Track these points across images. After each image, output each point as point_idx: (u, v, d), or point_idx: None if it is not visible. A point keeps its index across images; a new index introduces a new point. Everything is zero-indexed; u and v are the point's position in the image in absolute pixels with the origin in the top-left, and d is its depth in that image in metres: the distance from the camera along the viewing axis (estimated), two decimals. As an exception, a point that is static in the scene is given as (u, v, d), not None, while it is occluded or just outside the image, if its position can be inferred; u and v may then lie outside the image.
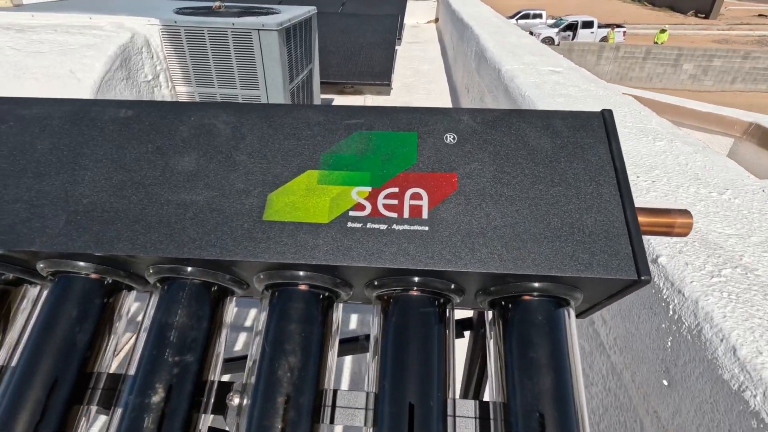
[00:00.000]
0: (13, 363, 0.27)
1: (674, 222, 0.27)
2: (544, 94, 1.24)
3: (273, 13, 1.95)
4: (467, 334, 0.52)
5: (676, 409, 0.51)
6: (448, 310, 0.27)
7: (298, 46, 2.03)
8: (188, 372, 0.25)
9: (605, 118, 0.29)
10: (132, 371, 0.26)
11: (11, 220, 0.26)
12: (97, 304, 0.28)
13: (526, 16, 23.97)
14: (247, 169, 0.26)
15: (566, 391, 0.23)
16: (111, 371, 0.30)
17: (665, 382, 0.53)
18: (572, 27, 21.47)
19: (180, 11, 1.89)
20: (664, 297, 0.54)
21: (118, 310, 0.30)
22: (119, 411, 0.25)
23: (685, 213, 0.27)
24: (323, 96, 3.29)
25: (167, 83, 1.82)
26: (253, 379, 0.25)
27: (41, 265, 0.28)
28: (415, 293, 0.25)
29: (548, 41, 20.61)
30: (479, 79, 2.13)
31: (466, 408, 0.25)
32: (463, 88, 2.93)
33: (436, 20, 6.71)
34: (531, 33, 21.86)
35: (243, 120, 0.29)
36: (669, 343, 0.53)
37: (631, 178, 0.76)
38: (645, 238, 0.60)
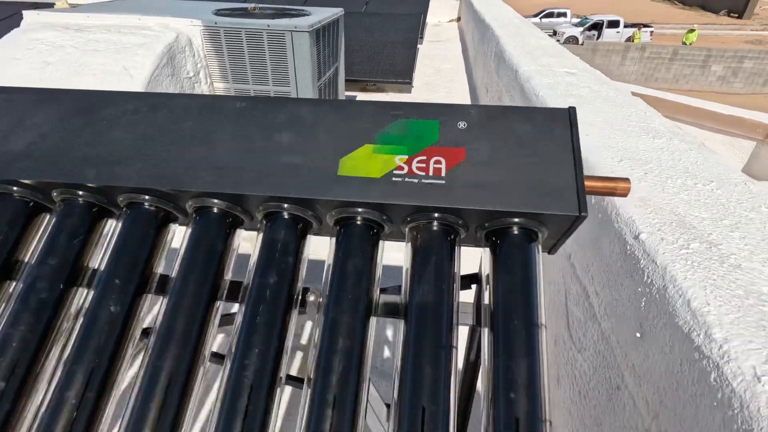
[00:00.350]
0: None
1: (617, 186, 0.38)
2: (557, 94, 1.34)
3: (304, 15, 2.08)
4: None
5: (646, 355, 0.61)
6: (457, 240, 0.39)
7: (326, 46, 2.15)
8: (285, 281, 0.38)
9: (570, 113, 0.40)
10: (250, 280, 0.40)
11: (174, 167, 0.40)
12: (221, 235, 0.42)
13: (550, 15, 23.62)
14: (327, 143, 0.38)
15: (533, 290, 0.34)
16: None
17: (638, 335, 0.64)
18: (597, 26, 21.08)
19: (218, 12, 2.04)
20: (641, 266, 0.65)
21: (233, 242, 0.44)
22: (243, 308, 0.38)
23: (626, 180, 0.37)
24: (347, 93, 3.42)
25: (206, 79, 1.98)
26: (328, 287, 0.38)
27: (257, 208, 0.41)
28: (435, 227, 0.37)
29: (572, 40, 20.31)
30: (498, 80, 2.22)
31: (466, 308, 0.37)
32: (482, 87, 3.02)
33: (458, 19, 6.77)
34: (555, 32, 21.57)
35: (321, 111, 0.41)
36: (643, 304, 0.63)
37: (624, 170, 0.86)
38: (629, 226, 0.71)
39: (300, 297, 0.39)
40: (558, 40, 21.01)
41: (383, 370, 1.39)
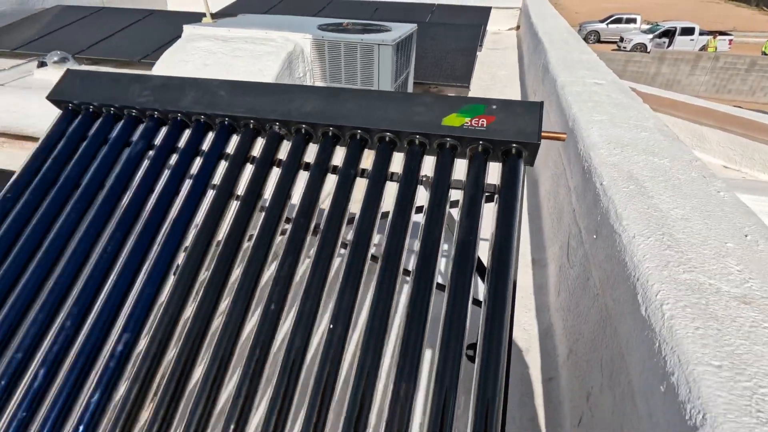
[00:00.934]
0: None
1: (559, 135, 0.84)
2: (581, 99, 1.77)
3: (387, 31, 2.62)
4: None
5: (597, 249, 1.07)
6: (488, 156, 0.87)
7: (402, 55, 2.68)
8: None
9: (540, 105, 0.86)
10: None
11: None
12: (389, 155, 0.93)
13: (618, 21, 22.83)
14: (436, 111, 0.87)
15: (519, 178, 0.82)
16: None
17: (594, 237, 1.09)
18: (669, 33, 20.15)
19: (322, 27, 2.63)
20: (601, 202, 1.10)
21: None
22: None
23: (563, 133, 0.83)
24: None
25: (311, 80, 2.57)
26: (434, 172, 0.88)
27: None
28: (480, 148, 0.84)
29: (639, 47, 19.58)
30: (543, 88, 2.65)
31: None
32: (531, 93, 3.42)
33: (518, 27, 7.08)
34: (621, 39, 20.83)
35: (433, 98, 0.90)
36: (599, 217, 1.09)
37: (608, 150, 1.30)
38: (600, 178, 1.16)
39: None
40: (624, 48, 20.36)
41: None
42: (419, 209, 1.03)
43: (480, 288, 1.28)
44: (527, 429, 1.17)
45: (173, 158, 0.99)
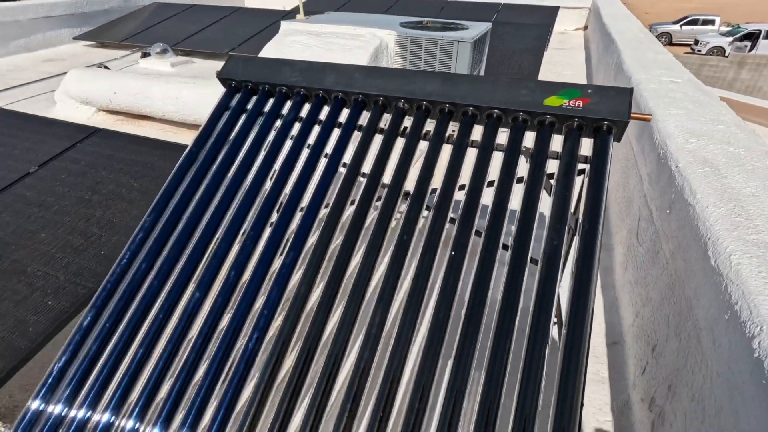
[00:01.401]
0: None
1: (646, 117, 0.99)
2: (657, 96, 1.87)
3: (464, 29, 2.80)
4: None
5: (671, 221, 1.21)
6: (581, 132, 1.04)
7: (477, 52, 2.85)
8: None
9: (630, 91, 1.01)
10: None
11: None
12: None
13: (693, 22, 21.40)
14: (538, 93, 1.06)
15: (608, 150, 0.99)
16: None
17: (668, 211, 1.23)
18: (752, 37, 18.64)
19: (404, 25, 2.86)
20: (677, 182, 1.24)
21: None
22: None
23: (649, 115, 0.99)
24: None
25: (392, 72, 2.80)
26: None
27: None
28: (575, 125, 1.02)
29: (717, 51, 18.30)
30: (615, 85, 2.72)
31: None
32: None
33: (585, 28, 6.98)
34: (696, 41, 19.53)
35: (535, 83, 1.09)
36: (673, 195, 1.23)
37: (685, 140, 1.41)
38: (675, 161, 1.29)
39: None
40: (698, 51, 19.08)
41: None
42: (519, 180, 1.21)
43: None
44: (591, 380, 1.33)
45: (315, 129, 1.24)
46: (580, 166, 1.02)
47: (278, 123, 1.27)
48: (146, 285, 1.04)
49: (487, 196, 1.02)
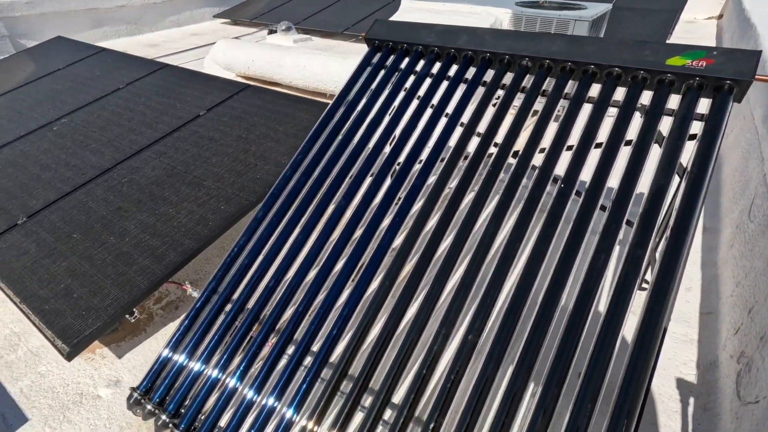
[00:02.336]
0: None
1: None
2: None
3: (582, 8, 2.79)
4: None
5: None
6: (701, 91, 1.10)
7: (593, 32, 2.83)
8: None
9: (759, 53, 1.05)
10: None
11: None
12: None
13: None
14: (662, 53, 1.14)
15: (727, 107, 1.05)
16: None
17: None
18: None
19: (519, 4, 2.93)
20: (801, 151, 1.23)
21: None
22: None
23: None
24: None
25: (503, 50, 2.90)
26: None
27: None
28: (695, 84, 1.09)
29: None
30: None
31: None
32: (729, 81, 3.21)
33: (720, 16, 6.28)
34: None
35: (658, 44, 1.17)
36: (794, 167, 1.23)
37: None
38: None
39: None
40: None
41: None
42: (628, 142, 1.31)
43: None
44: (679, 341, 1.39)
45: (443, 85, 1.44)
46: (696, 126, 1.09)
47: (411, 79, 1.49)
48: (301, 196, 1.34)
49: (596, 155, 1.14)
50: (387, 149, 1.37)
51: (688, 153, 1.06)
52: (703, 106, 1.09)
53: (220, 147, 2.00)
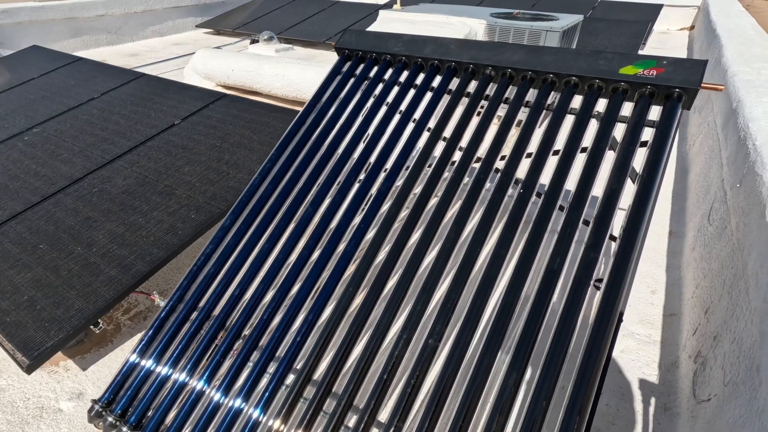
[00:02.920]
0: None
1: (718, 87, 1.07)
2: (750, 87, 1.85)
3: (554, 20, 2.87)
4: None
5: (739, 194, 1.26)
6: (652, 99, 1.14)
7: (564, 43, 2.91)
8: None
9: (704, 62, 1.10)
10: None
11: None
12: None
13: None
14: (615, 63, 1.18)
15: (676, 115, 1.09)
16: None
17: (738, 185, 1.28)
18: None
19: (494, 15, 3.00)
20: (750, 159, 1.29)
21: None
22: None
23: (722, 85, 1.06)
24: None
25: (478, 59, 2.96)
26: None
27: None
28: (647, 92, 1.13)
29: None
30: (709, 80, 2.63)
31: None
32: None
33: (691, 28, 6.50)
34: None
35: (611, 54, 1.21)
36: (745, 170, 1.28)
37: (766, 122, 1.43)
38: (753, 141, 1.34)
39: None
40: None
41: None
42: (584, 150, 1.34)
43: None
44: (642, 342, 1.42)
45: (410, 93, 1.47)
46: (648, 133, 1.13)
47: (379, 87, 1.52)
48: (269, 204, 1.34)
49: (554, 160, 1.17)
50: (356, 155, 1.38)
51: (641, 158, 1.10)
52: (655, 113, 1.13)
53: (193, 156, 2.00)
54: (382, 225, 1.19)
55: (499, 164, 1.16)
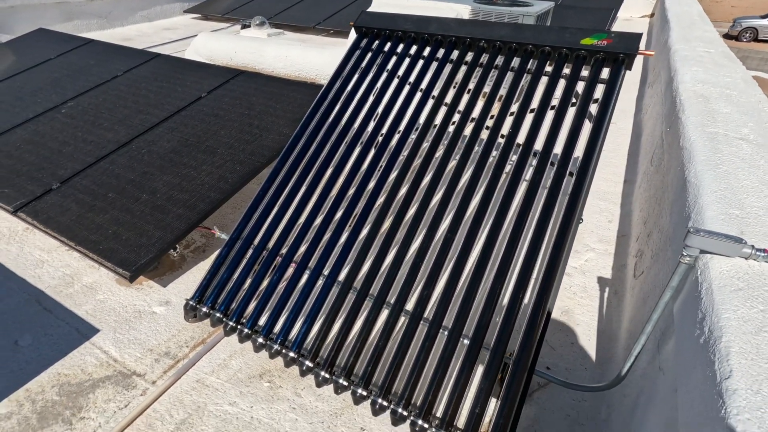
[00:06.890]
0: None
1: (649, 53, 1.47)
2: (685, 59, 2.29)
3: (529, 5, 3.26)
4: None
5: (668, 136, 1.69)
6: (600, 62, 1.54)
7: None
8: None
9: (639, 35, 1.49)
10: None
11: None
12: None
13: (782, 17, 19.72)
14: (576, 35, 1.56)
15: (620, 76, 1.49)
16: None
17: (668, 128, 1.71)
18: None
19: (477, 1, 3.37)
20: (677, 109, 1.72)
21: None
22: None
23: (653, 51, 1.44)
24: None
25: (464, 41, 3.33)
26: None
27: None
28: (601, 55, 1.52)
29: (807, 49, 16.89)
30: (659, 60, 3.10)
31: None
32: (651, 69, 3.80)
33: (652, 15, 7.05)
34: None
35: (573, 29, 1.60)
36: (672, 118, 1.71)
37: (692, 84, 1.87)
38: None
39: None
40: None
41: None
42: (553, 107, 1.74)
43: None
44: (601, 254, 1.85)
45: (419, 63, 1.83)
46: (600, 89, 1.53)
47: (393, 59, 1.87)
48: (311, 150, 1.69)
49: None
50: (378, 111, 1.74)
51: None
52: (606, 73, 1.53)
53: (225, 122, 2.31)
54: (401, 169, 1.56)
55: (489, 122, 1.55)
